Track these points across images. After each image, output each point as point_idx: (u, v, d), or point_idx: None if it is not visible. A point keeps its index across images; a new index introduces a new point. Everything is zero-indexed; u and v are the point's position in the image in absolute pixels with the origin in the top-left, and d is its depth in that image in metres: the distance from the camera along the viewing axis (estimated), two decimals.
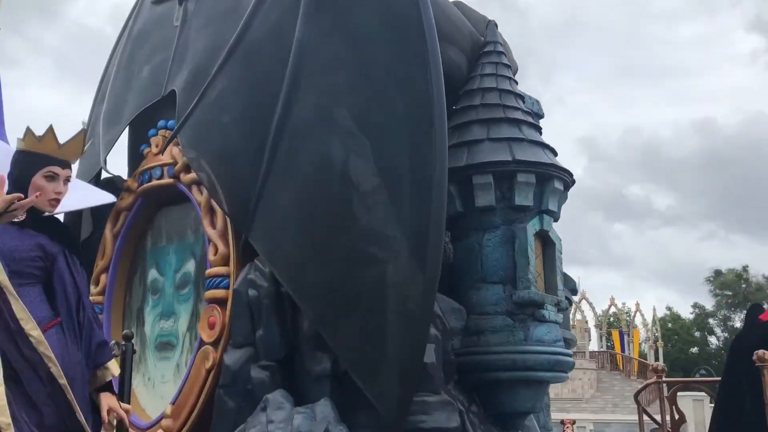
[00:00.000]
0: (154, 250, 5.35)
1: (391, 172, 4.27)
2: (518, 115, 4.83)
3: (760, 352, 6.01)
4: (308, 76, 4.49)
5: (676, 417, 7.94)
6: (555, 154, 4.84)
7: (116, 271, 5.41)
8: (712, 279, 46.19)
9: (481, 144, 4.65)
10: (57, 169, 2.69)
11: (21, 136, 2.85)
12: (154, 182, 5.15)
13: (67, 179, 2.79)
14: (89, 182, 5.39)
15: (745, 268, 45.62)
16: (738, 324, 42.14)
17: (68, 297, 2.72)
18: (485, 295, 4.54)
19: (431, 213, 4.07)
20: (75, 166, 2.92)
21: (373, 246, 4.19)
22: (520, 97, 5.05)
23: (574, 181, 4.85)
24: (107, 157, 5.66)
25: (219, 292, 4.59)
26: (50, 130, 2.80)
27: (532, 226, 4.58)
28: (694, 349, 46.00)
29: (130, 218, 5.37)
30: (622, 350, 33.70)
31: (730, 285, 44.86)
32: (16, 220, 2.73)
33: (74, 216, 5.48)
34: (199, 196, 4.85)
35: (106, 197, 3.93)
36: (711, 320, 47.23)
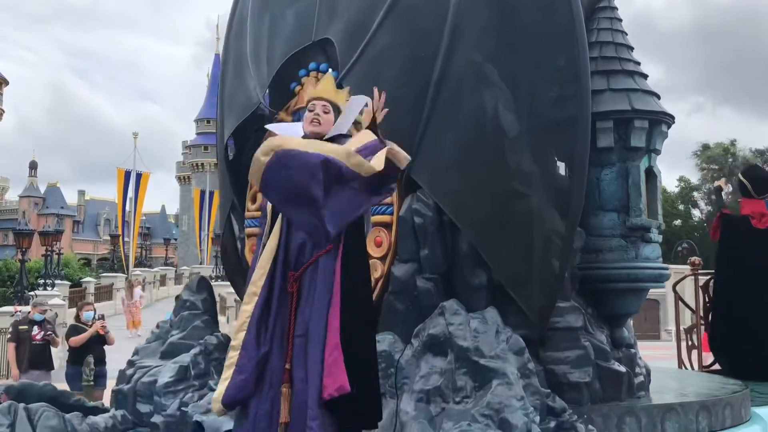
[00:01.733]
0: None
1: (533, 121, 5.25)
2: (631, 67, 5.78)
3: None
4: (464, 37, 5.36)
5: (708, 303, 9.33)
6: (659, 98, 5.81)
7: None
8: (699, 153, 47.76)
9: (603, 94, 5.61)
10: (314, 101, 4.03)
11: None
12: None
13: (324, 107, 4.00)
14: (245, 117, 6.30)
15: (732, 143, 47.14)
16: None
17: None
18: (602, 221, 5.63)
19: (575, 155, 5.09)
20: None
21: (521, 184, 5.23)
22: (631, 48, 5.95)
23: (674, 122, 5.84)
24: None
25: (385, 218, 5.62)
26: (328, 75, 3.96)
27: (643, 164, 5.63)
28: (678, 222, 48.08)
29: None
30: None
31: (717, 159, 46.41)
32: None
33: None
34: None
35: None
36: (695, 193, 49.04)
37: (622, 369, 5.57)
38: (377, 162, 3.73)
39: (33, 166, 59.06)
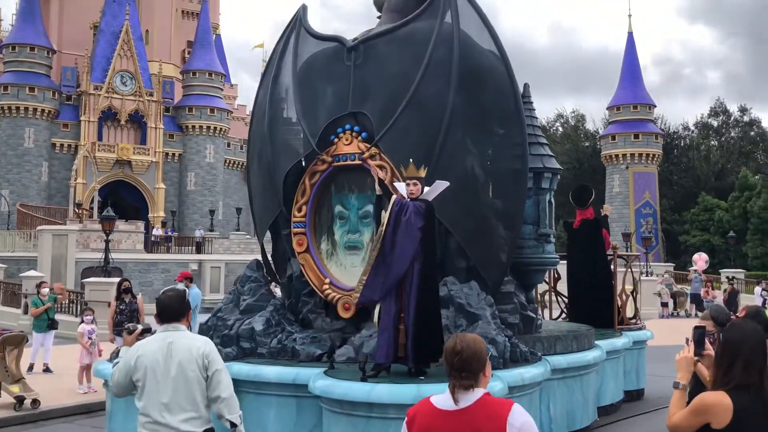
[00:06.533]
0: (338, 195, 10.53)
1: (494, 173, 9.90)
2: (542, 140, 10.61)
3: (614, 243, 12.60)
4: (456, 123, 9.84)
5: (556, 277, 14.45)
6: (556, 158, 10.67)
7: (312, 205, 10.55)
8: None
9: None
10: (410, 179, 8.33)
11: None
12: (348, 162, 10.25)
13: (415, 183, 8.31)
14: (300, 157, 10.39)
15: None
16: None
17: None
18: (525, 230, 10.44)
19: (518, 193, 9.82)
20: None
21: (487, 210, 9.89)
22: (540, 127, 10.74)
23: (562, 171, 10.74)
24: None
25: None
26: (411, 163, 8.28)
27: (548, 197, 10.47)
28: None
29: (323, 177, 10.46)
30: None
31: None
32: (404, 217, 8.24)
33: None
34: (383, 175, 10.07)
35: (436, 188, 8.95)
36: None
37: (533, 315, 10.46)
38: None
39: None
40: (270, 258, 11.55)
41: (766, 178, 65.45)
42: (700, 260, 40.92)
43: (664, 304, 37.70)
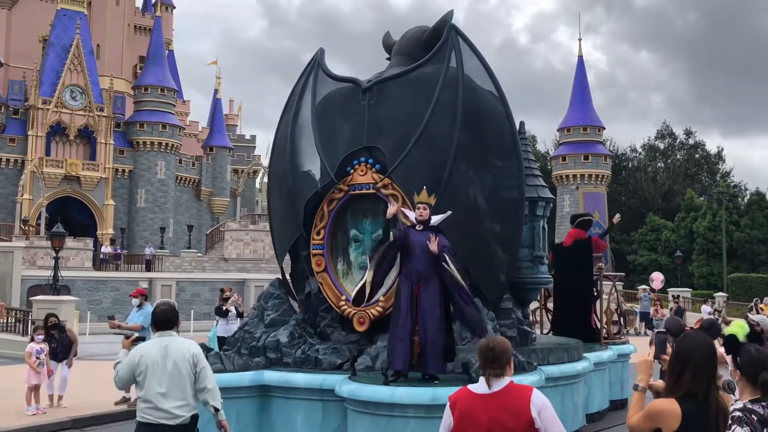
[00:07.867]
0: (353, 220, 11.88)
1: (493, 201, 11.36)
2: (536, 172, 12.13)
3: (600, 264, 14.24)
4: (461, 157, 11.28)
5: (547, 294, 15.93)
6: (548, 188, 12.18)
7: (330, 229, 11.88)
8: None
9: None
10: (420, 204, 9.78)
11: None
12: (363, 191, 11.62)
13: (425, 207, 9.72)
14: (319, 186, 11.72)
15: None
16: None
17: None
18: (521, 252, 11.90)
19: (515, 220, 11.30)
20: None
21: (487, 234, 11.34)
22: (534, 161, 12.26)
23: (554, 199, 12.25)
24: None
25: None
26: (423, 190, 9.71)
27: (542, 223, 11.98)
28: None
29: (340, 204, 11.81)
30: None
31: None
32: (418, 228, 9.68)
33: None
34: (395, 202, 11.47)
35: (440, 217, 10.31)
36: None
37: (529, 329, 11.93)
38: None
39: None
40: (288, 276, 12.81)
41: (711, 199, 68.47)
42: (657, 279, 43.27)
43: (614, 322, 39.65)
